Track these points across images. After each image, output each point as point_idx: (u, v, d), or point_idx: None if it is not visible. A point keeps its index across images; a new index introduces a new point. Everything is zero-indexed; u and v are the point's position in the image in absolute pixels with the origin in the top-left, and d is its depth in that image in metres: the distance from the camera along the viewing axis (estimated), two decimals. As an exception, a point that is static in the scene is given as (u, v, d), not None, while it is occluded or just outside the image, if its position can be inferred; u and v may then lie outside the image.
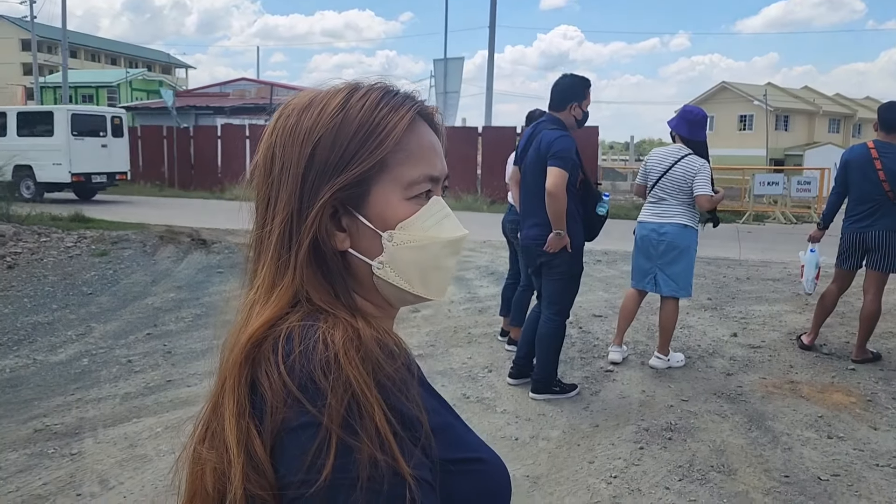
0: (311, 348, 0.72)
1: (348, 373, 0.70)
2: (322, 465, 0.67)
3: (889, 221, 4.87)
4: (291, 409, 0.70)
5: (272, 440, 0.71)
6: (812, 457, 3.63)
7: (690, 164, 4.70)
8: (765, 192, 16.84)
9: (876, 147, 4.90)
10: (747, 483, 3.35)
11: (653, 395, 4.46)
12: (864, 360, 5.09)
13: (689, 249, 4.79)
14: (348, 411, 0.68)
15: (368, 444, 0.68)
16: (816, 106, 46.29)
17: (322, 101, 0.83)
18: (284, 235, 0.81)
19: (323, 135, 0.81)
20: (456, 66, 17.64)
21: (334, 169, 0.80)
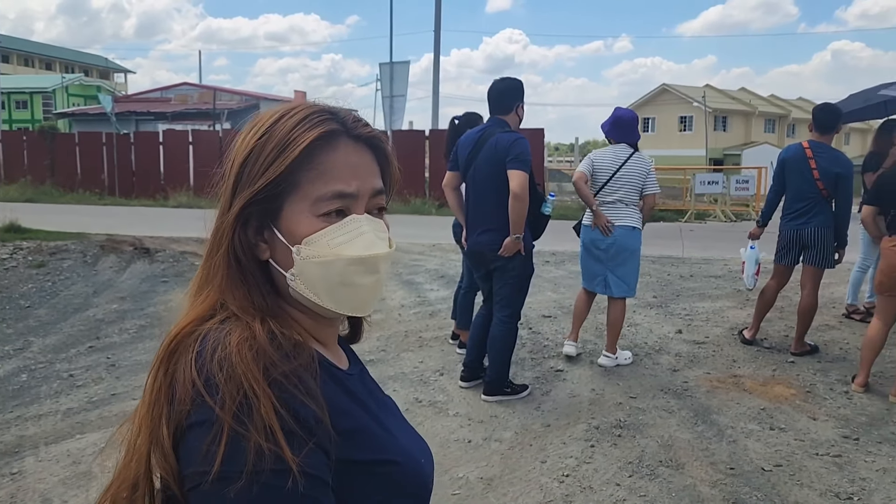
0: (215, 349, 0.78)
1: (239, 370, 0.75)
2: (214, 455, 0.72)
3: (824, 219, 5.05)
4: (194, 403, 0.75)
5: (177, 431, 0.77)
6: (756, 448, 3.73)
7: (640, 164, 4.82)
8: (705, 192, 17.30)
9: (811, 147, 5.08)
10: (695, 476, 3.43)
11: (602, 393, 4.53)
12: (802, 352, 5.27)
13: (637, 250, 4.90)
14: (239, 405, 0.74)
15: (256, 434, 0.73)
16: (753, 107, 47.73)
17: (261, 121, 0.90)
18: (213, 243, 0.89)
19: (251, 152, 0.87)
20: (402, 70, 17.59)
21: (249, 183, 0.86)
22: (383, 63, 17.84)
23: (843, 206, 5.04)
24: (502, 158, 3.99)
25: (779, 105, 51.13)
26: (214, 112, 24.34)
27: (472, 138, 4.21)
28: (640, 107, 48.12)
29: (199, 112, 25.56)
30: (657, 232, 14.17)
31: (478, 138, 4.17)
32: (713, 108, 43.21)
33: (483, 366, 4.52)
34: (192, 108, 27.04)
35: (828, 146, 5.08)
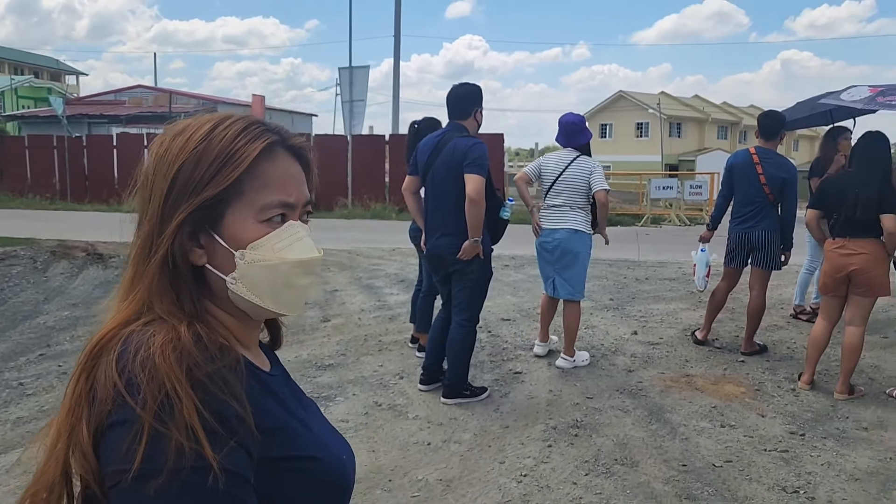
0: (137, 350, 0.80)
1: (162, 370, 0.77)
2: (134, 453, 0.74)
3: (770, 222, 5.22)
4: (115, 403, 0.77)
5: (97, 431, 0.79)
6: (707, 445, 3.84)
7: (584, 166, 4.91)
8: (660, 196, 17.65)
9: (757, 153, 5.25)
10: (648, 473, 3.51)
11: (559, 394, 4.61)
12: (752, 352, 5.43)
13: (582, 254, 4.98)
14: (160, 404, 0.76)
15: (177, 433, 0.75)
16: (706, 114, 48.82)
17: (191, 129, 0.92)
18: (144, 248, 0.90)
19: (186, 160, 0.89)
20: (361, 75, 17.56)
21: (192, 191, 0.88)
22: (343, 67, 17.79)
23: (788, 210, 5.22)
24: (460, 163, 4.04)
25: (731, 112, 52.38)
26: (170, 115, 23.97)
27: (431, 143, 4.25)
28: (598, 113, 48.82)
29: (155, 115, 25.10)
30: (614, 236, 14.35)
31: (436, 143, 4.22)
32: (668, 114, 44.08)
33: (442, 369, 4.56)
34: (147, 111, 26.54)
35: (773, 152, 5.26)
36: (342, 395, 4.55)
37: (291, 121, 30.48)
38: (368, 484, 3.41)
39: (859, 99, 4.83)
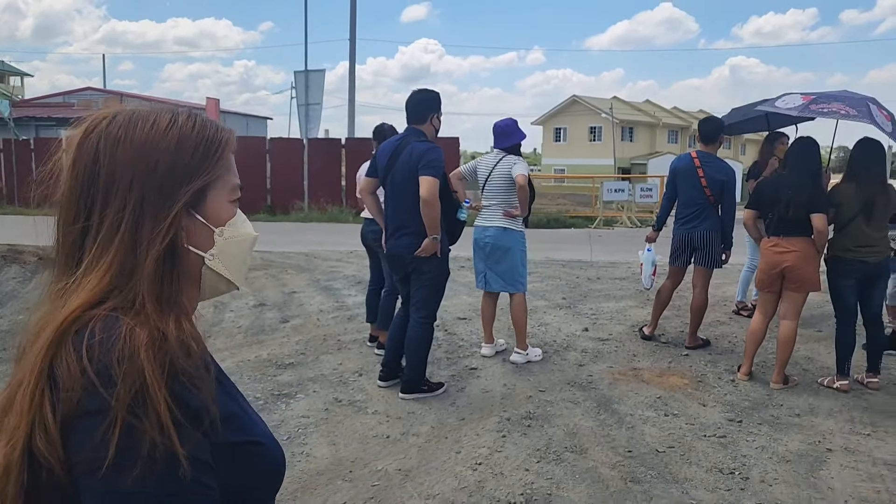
0: (112, 340, 0.81)
1: (143, 366, 0.79)
2: (108, 444, 0.77)
3: (712, 223, 5.51)
4: (86, 393, 0.79)
5: (63, 420, 0.79)
6: (651, 433, 4.07)
7: (507, 163, 5.15)
8: (613, 199, 18.07)
9: (698, 157, 5.53)
10: (596, 459, 3.72)
11: (513, 387, 4.79)
12: (695, 346, 5.70)
13: (511, 249, 5.20)
14: (134, 399, 0.78)
15: (150, 428, 0.78)
16: (657, 118, 49.89)
17: (148, 118, 0.95)
18: (123, 234, 0.89)
19: (165, 148, 0.92)
20: (317, 79, 17.63)
21: (184, 176, 0.93)
22: (298, 71, 17.83)
23: (728, 212, 5.51)
24: (416, 165, 4.20)
25: (681, 117, 53.59)
26: (121, 118, 23.60)
27: (390, 147, 4.40)
28: (552, 117, 49.52)
29: (105, 118, 24.68)
30: (568, 237, 14.74)
31: (395, 147, 4.37)
32: (620, 119, 44.93)
33: (401, 365, 4.71)
34: (97, 113, 26.05)
35: (713, 156, 5.55)
36: (302, 392, 4.66)
37: (246, 124, 30.25)
38: (330, 476, 3.53)
39: (794, 106, 5.14)
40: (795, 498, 3.33)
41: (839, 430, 4.13)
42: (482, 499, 3.30)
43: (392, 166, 4.36)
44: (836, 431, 4.11)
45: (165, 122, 0.95)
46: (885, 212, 4.69)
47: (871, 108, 4.87)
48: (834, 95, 5.14)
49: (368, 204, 4.72)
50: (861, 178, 4.67)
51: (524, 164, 5.17)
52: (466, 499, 3.30)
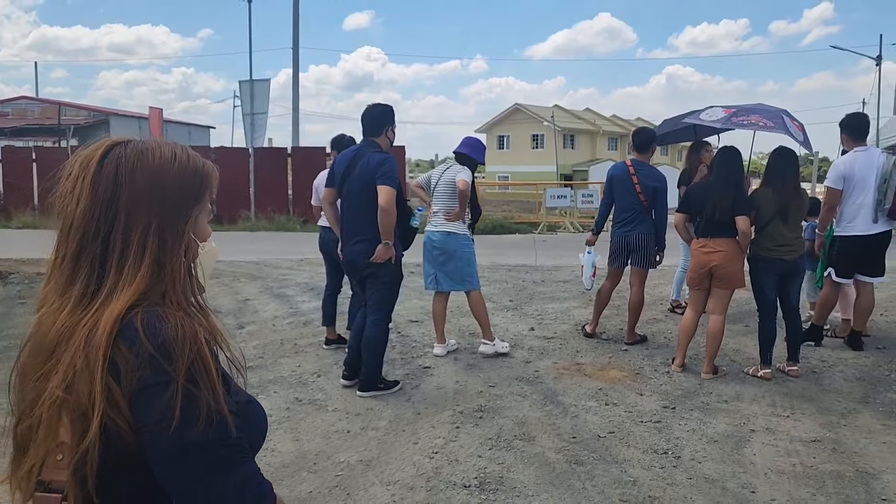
0: (165, 327, 1.02)
1: (197, 345, 1.03)
2: (174, 408, 0.98)
3: (646, 226, 5.90)
4: (150, 370, 0.99)
5: (131, 395, 0.99)
6: (593, 420, 4.40)
7: (453, 171, 5.53)
8: (556, 205, 18.63)
9: (633, 165, 5.93)
10: (544, 445, 4.02)
11: (465, 384, 5.08)
12: (633, 342, 6.09)
13: (457, 251, 5.56)
14: (190, 371, 1.01)
15: (205, 393, 1.01)
16: (597, 126, 51.17)
17: (155, 149, 1.14)
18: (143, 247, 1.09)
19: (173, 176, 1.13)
20: (262, 88, 17.66)
21: (191, 200, 1.15)
22: (243, 81, 17.82)
23: (660, 215, 5.92)
24: (373, 176, 4.46)
25: (620, 125, 55.05)
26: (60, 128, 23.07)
27: (347, 157, 4.65)
28: (496, 125, 50.24)
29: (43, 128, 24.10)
30: (514, 243, 15.16)
31: (352, 158, 4.61)
32: (562, 127, 45.92)
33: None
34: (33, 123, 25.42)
35: (647, 164, 5.96)
36: (263, 393, 4.85)
37: (188, 133, 29.88)
38: (294, 468, 3.75)
39: (717, 119, 5.59)
40: (722, 472, 3.69)
41: (762, 414, 4.53)
42: (439, 483, 3.56)
43: (348, 176, 4.60)
44: (759, 414, 4.52)
45: (169, 153, 1.15)
46: (798, 213, 5.16)
47: (786, 120, 5.35)
48: (752, 108, 5.61)
49: (328, 213, 4.96)
50: (777, 184, 5.12)
51: (468, 171, 5.51)
52: (425, 483, 3.56)
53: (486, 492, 3.47)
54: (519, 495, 3.43)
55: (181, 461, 1.01)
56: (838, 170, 5.68)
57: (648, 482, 3.57)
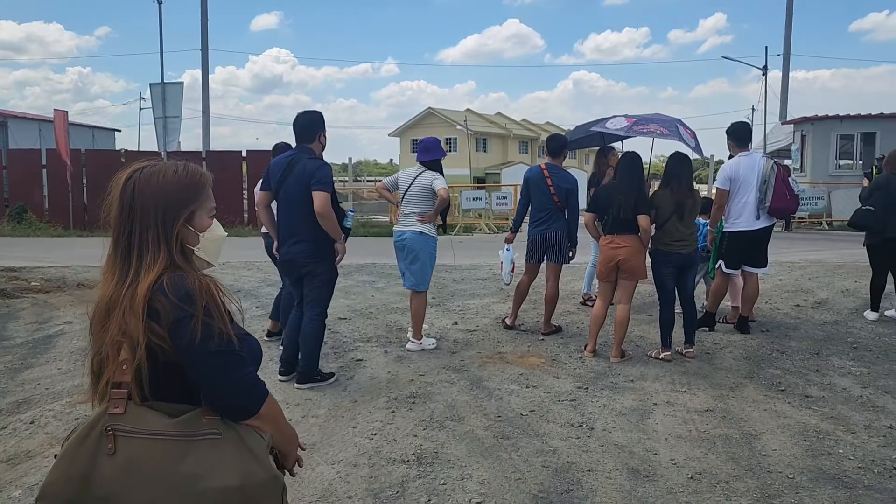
0: (187, 282, 1.57)
1: (210, 291, 1.58)
2: (196, 332, 1.53)
3: (560, 225, 6.42)
4: (179, 310, 1.54)
5: (168, 325, 1.53)
6: (516, 401, 4.83)
7: (426, 178, 5.91)
8: (471, 207, 19.19)
9: (547, 168, 6.44)
10: (472, 424, 4.42)
11: (396, 374, 5.42)
12: (550, 332, 6.59)
13: (424, 252, 5.91)
14: (206, 308, 1.55)
15: (218, 322, 1.57)
16: (508, 130, 52.42)
17: (161, 170, 1.67)
18: (157, 240, 1.62)
19: (171, 189, 1.65)
20: (175, 91, 17.41)
21: (183, 207, 1.66)
22: (154, 84, 17.52)
23: (572, 215, 6.45)
24: (308, 181, 4.74)
25: (530, 129, 56.57)
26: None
27: (283, 163, 4.91)
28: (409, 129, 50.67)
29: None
30: (431, 245, 15.56)
31: (288, 163, 4.88)
32: (474, 130, 46.84)
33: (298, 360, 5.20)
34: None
35: (559, 167, 6.48)
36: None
37: (92, 136, 28.80)
38: (243, 454, 3.99)
39: (621, 127, 6.17)
40: (629, 439, 4.19)
41: (663, 390, 5.09)
42: (380, 460, 3.90)
43: (285, 180, 4.87)
44: (661, 391, 5.07)
45: (172, 171, 1.67)
46: (692, 212, 5.78)
47: (680, 129, 5.98)
48: (650, 118, 6.23)
49: (263, 216, 5.18)
50: (673, 185, 5.72)
51: (443, 179, 5.93)
52: (367, 461, 3.89)
53: (423, 465, 3.83)
54: (453, 466, 3.81)
55: (204, 362, 1.55)
56: (725, 172, 6.37)
57: (566, 450, 4.02)
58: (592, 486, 3.59)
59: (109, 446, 1.50)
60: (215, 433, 1.55)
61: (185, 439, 1.53)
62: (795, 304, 7.94)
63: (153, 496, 1.49)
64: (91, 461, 1.50)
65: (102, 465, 1.50)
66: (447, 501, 3.43)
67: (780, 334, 6.61)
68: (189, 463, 1.51)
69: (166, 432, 1.52)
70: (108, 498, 1.49)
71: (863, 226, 6.99)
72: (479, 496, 3.47)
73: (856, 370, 5.53)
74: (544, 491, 3.53)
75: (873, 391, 5.04)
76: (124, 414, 1.53)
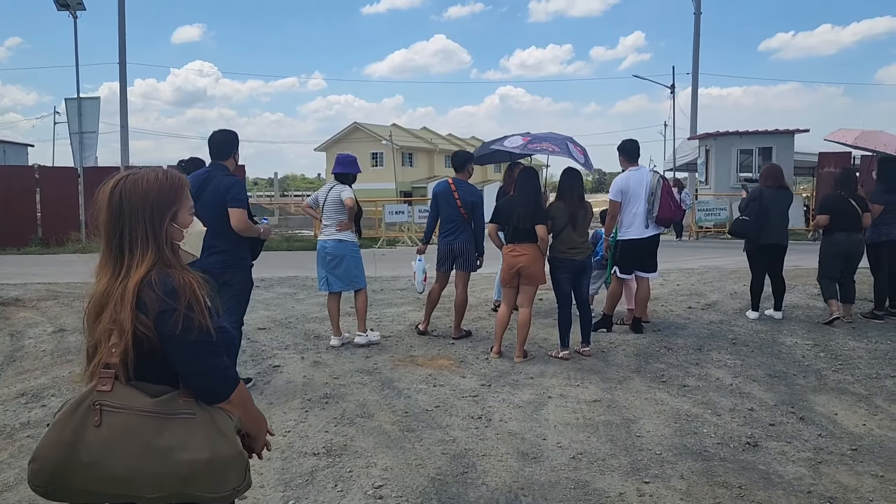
0: (172, 279, 1.80)
1: (193, 287, 1.81)
2: (178, 324, 1.76)
3: (467, 235, 6.86)
4: (163, 303, 1.77)
5: (154, 317, 1.77)
6: (423, 399, 5.20)
7: (338, 189, 6.55)
8: (394, 220, 19.55)
9: (454, 182, 6.88)
10: (381, 420, 4.77)
11: (312, 378, 5.72)
12: (460, 336, 7.01)
13: (346, 256, 6.56)
14: (188, 303, 1.78)
15: (198, 315, 1.79)
16: (434, 144, 53.10)
17: (143, 176, 1.90)
18: (146, 238, 1.85)
19: (154, 193, 1.89)
20: (92, 106, 17.17)
21: (167, 208, 1.91)
22: (70, 98, 17.24)
23: (478, 225, 6.90)
24: (224, 197, 5.02)
25: (456, 143, 57.31)
26: None
27: (199, 178, 5.15)
28: (335, 144, 50.70)
29: None
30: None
31: (204, 178, 5.13)
32: (400, 145, 47.28)
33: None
34: None
35: (465, 181, 6.94)
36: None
37: (3, 151, 27.87)
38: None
39: (517, 145, 6.70)
40: (522, 428, 4.62)
41: (558, 385, 5.56)
42: (292, 453, 4.21)
43: (201, 195, 5.12)
44: (556, 385, 5.54)
45: (153, 177, 1.92)
46: (584, 222, 6.31)
47: (570, 146, 6.53)
48: (544, 137, 6.77)
49: None
50: (567, 198, 6.24)
51: (351, 190, 6.53)
52: (280, 455, 4.18)
53: (332, 456, 4.16)
54: (360, 457, 4.15)
55: (183, 350, 1.79)
56: (617, 185, 6.96)
57: (465, 439, 4.42)
58: (485, 468, 3.99)
59: (96, 419, 1.73)
60: (189, 413, 1.79)
61: (162, 416, 1.76)
62: (688, 306, 8.62)
63: (132, 464, 1.72)
64: (79, 431, 1.73)
65: (89, 434, 1.73)
66: (352, 486, 3.77)
67: (669, 333, 7.21)
68: (165, 437, 1.74)
69: (146, 409, 1.75)
70: (92, 463, 1.72)
71: (740, 234, 7.72)
72: (381, 480, 3.83)
73: (731, 362, 6.15)
74: (442, 474, 3.91)
75: (743, 380, 5.65)
76: (111, 391, 1.75)
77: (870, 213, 7.49)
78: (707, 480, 3.82)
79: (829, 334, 7.11)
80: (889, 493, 3.67)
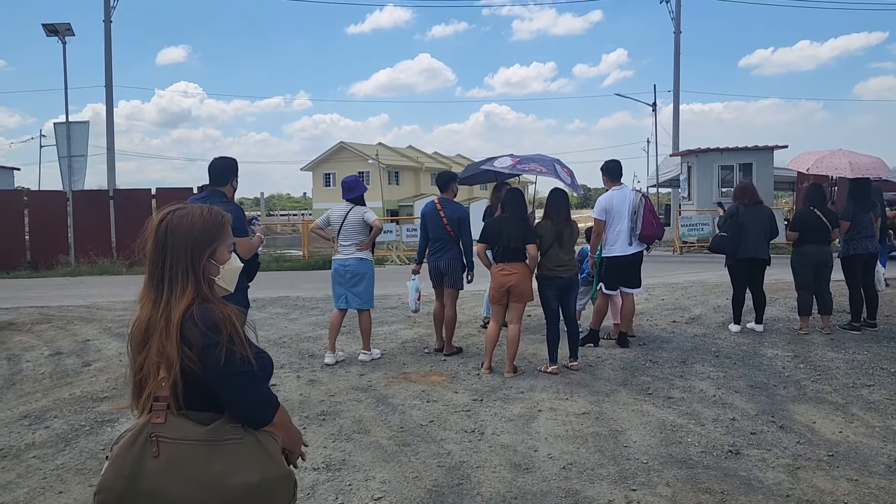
0: (213, 313, 1.89)
1: (233, 322, 1.91)
2: (221, 356, 1.85)
3: (454, 253, 7.06)
4: (206, 338, 1.86)
5: (198, 351, 1.86)
6: (417, 414, 5.36)
7: (357, 213, 6.83)
8: (382, 239, 19.69)
9: (439, 202, 7.10)
10: (377, 435, 4.92)
11: (308, 395, 5.87)
12: (451, 353, 7.18)
13: (366, 275, 6.82)
14: (230, 336, 1.88)
15: (239, 347, 1.89)
16: (420, 163, 53.43)
17: (189, 212, 2.00)
18: (186, 272, 1.95)
19: (198, 230, 1.99)
20: (81, 130, 17.28)
21: (207, 245, 2.00)
22: (59, 123, 17.36)
23: (466, 243, 7.10)
24: None
25: (441, 162, 57.74)
26: None
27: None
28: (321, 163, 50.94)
29: None
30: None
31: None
32: (387, 164, 47.58)
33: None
34: None
35: (451, 200, 7.17)
36: (123, 416, 5.34)
37: (-11, 175, 27.86)
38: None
39: (506, 165, 6.92)
40: (514, 440, 4.79)
41: (548, 398, 5.73)
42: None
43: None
44: (546, 399, 5.71)
45: (198, 214, 2.02)
46: (571, 240, 6.52)
47: (557, 168, 6.77)
48: (532, 158, 7.00)
49: None
50: (553, 217, 6.46)
51: (372, 212, 6.86)
52: (281, 470, 4.32)
53: (332, 471, 4.31)
54: (359, 471, 4.31)
55: (227, 381, 1.89)
56: (601, 204, 7.19)
57: (459, 452, 4.58)
58: (479, 480, 4.15)
59: (154, 450, 1.83)
60: (238, 437, 1.89)
61: (213, 444, 1.86)
62: (672, 320, 8.85)
63: (189, 490, 1.82)
64: (138, 462, 1.82)
65: (148, 464, 1.83)
66: (352, 499, 3.92)
67: (654, 347, 7.42)
68: (217, 463, 1.84)
69: (198, 438, 1.86)
70: (152, 491, 1.82)
71: (719, 249, 7.98)
72: (380, 493, 3.98)
73: (714, 374, 6.36)
74: (438, 486, 4.07)
75: (725, 391, 5.86)
76: (165, 423, 1.85)
77: (838, 228, 7.82)
78: (691, 487, 4.01)
79: (809, 346, 7.35)
80: (863, 496, 3.87)
